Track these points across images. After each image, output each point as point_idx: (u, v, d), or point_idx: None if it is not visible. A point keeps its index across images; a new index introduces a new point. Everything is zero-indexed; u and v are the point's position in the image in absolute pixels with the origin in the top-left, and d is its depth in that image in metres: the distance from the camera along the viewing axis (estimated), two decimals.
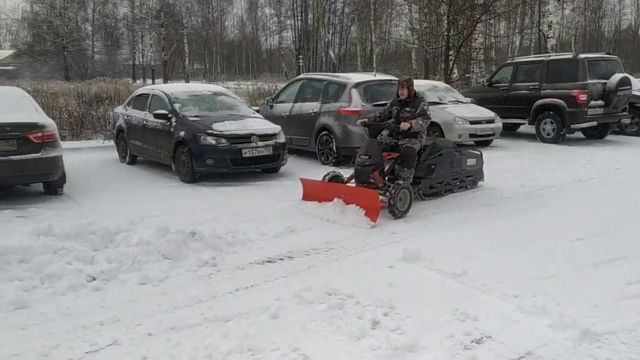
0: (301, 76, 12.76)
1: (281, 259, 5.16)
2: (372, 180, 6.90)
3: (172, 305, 4.09)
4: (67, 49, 37.37)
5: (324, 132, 10.46)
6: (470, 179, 8.04)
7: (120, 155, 10.99)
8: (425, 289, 4.37)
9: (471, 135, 12.17)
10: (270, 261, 5.11)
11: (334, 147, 10.20)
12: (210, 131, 8.62)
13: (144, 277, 4.58)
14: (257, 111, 10.98)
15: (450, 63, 20.02)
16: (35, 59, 38.09)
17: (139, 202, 7.38)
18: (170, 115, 9.15)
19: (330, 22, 46.51)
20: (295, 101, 11.33)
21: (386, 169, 7.17)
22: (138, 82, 31.55)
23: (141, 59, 47.88)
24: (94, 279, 4.53)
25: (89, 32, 45.46)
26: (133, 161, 10.68)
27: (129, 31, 45.98)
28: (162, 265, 4.82)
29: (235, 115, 9.45)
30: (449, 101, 12.95)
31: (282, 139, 9.25)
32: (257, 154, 8.80)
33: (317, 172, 8.52)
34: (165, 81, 34.02)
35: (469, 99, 13.60)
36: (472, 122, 12.12)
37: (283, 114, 11.30)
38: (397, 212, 6.50)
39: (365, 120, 7.34)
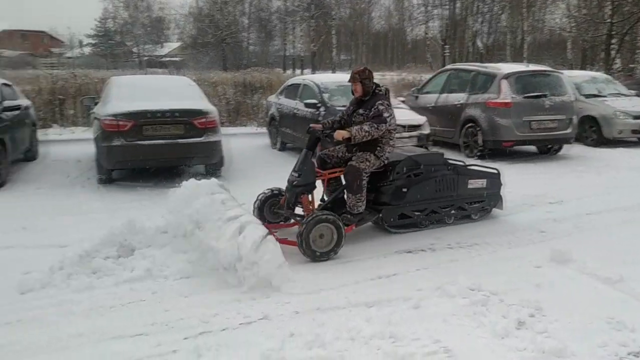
0: (449, 67, 12.55)
1: (423, 251, 5.18)
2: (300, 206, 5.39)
3: (317, 287, 4.27)
4: (225, 41, 39.93)
5: (469, 124, 10.21)
6: (476, 207, 6.05)
7: (272, 142, 11.61)
8: (576, 292, 4.14)
9: (634, 132, 11.21)
10: (410, 252, 5.14)
11: (480, 140, 9.94)
12: None
13: (293, 260, 4.80)
14: (402, 102, 10.99)
15: (612, 52, 18.41)
16: (198, 51, 41.20)
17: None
18: (319, 105, 9.48)
19: (479, 11, 44.77)
20: (442, 92, 11.18)
21: (324, 191, 5.60)
22: (288, 72, 32.82)
23: (291, 50, 49.71)
24: None
25: (245, 25, 48.05)
26: (283, 147, 11.23)
27: (281, 23, 47.88)
28: None
29: None
30: (609, 94, 12.02)
31: (427, 130, 9.20)
32: (402, 145, 8.82)
33: None
34: (313, 72, 35.03)
35: (632, 92, 12.47)
36: (635, 117, 11.14)
37: (428, 105, 11.20)
38: (309, 253, 4.84)
39: (319, 125, 5.59)
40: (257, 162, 9.83)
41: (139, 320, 3.71)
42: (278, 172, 8.89)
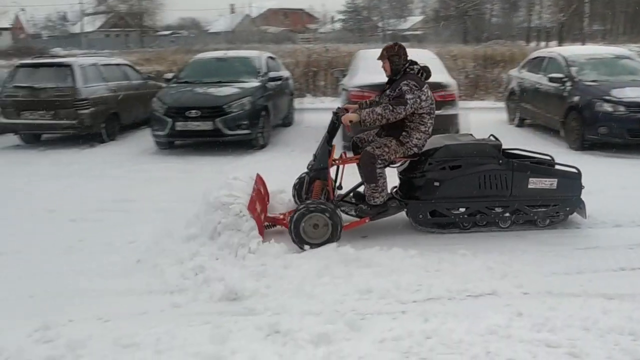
0: None
1: None
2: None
3: (550, 271, 4.13)
4: (467, 13, 39.18)
5: None
6: (542, 211, 4.97)
7: (509, 117, 11.23)
8: None
9: None
10: None
11: None
12: (607, 97, 8.09)
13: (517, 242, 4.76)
14: None
15: None
16: (439, 24, 41.17)
17: None
18: (565, 79, 8.90)
19: None
20: None
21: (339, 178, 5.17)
22: (531, 44, 30.92)
23: (537, 21, 46.59)
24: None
25: None
26: (521, 123, 10.81)
27: None
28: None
29: (639, 82, 8.56)
30: None
31: None
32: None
33: None
34: (559, 44, 32.47)
35: None
36: None
37: None
38: (297, 243, 4.57)
39: (355, 106, 5.19)
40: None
41: (370, 281, 3.95)
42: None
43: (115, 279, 4.10)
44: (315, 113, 12.47)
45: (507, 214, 4.95)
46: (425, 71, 4.87)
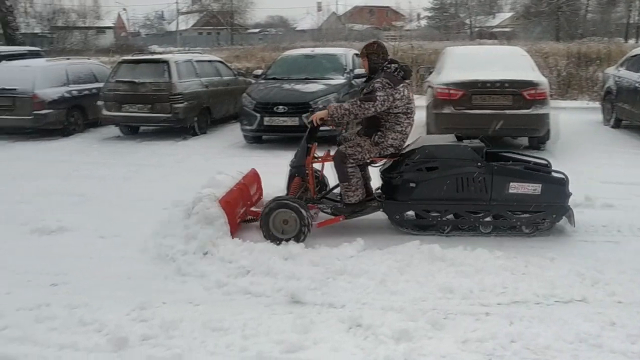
0: None
1: None
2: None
3: None
4: (561, 9, 37.57)
5: None
6: (525, 217, 4.74)
7: (605, 118, 10.70)
8: None
9: None
10: None
11: None
12: None
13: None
14: None
15: None
16: (529, 21, 39.76)
17: (612, 167, 7.19)
18: None
19: None
20: None
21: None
22: (630, 41, 29.11)
23: (637, 17, 43.81)
24: None
25: None
26: (617, 125, 10.26)
27: None
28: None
29: None
30: None
31: None
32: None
33: None
34: None
35: None
36: None
37: None
38: (268, 237, 4.68)
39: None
40: (585, 139, 9.20)
41: (453, 280, 3.92)
42: (609, 151, 8.23)
43: (203, 266, 4.27)
44: None
45: (488, 219, 4.84)
46: (404, 70, 4.83)
